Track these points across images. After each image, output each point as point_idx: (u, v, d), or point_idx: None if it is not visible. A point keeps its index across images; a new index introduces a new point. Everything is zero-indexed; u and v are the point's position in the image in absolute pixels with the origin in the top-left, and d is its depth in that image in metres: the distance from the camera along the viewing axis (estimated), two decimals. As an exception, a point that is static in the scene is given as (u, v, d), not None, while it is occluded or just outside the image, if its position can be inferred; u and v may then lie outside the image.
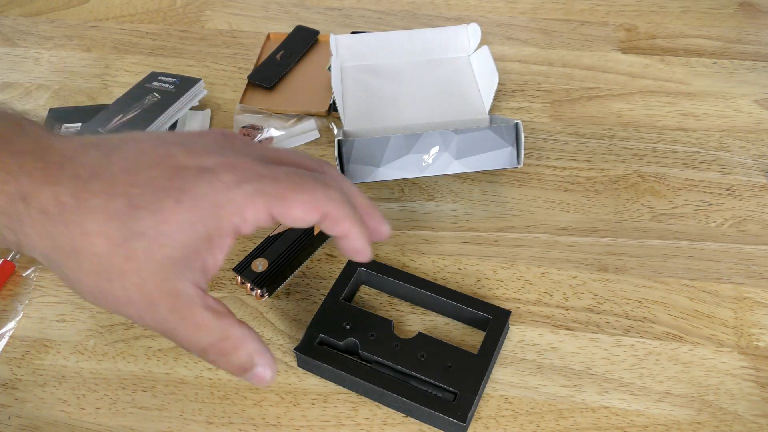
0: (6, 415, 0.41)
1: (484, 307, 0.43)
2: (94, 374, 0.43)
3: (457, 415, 0.38)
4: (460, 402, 0.38)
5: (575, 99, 0.60)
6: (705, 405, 0.41)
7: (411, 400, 0.38)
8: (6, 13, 0.72)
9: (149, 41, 0.68)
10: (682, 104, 0.60)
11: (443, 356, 0.40)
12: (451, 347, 0.41)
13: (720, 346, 0.43)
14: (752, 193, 0.52)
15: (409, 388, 0.39)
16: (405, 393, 0.39)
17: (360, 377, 0.40)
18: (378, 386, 0.39)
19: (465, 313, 0.44)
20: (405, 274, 0.45)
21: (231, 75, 0.64)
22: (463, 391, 0.39)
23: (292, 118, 0.59)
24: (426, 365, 0.40)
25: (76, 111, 0.60)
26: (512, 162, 0.48)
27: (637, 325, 0.45)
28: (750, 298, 0.46)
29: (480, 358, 0.40)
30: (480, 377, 0.39)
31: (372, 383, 0.39)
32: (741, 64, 0.63)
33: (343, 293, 0.44)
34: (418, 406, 0.38)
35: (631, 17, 0.69)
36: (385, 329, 0.42)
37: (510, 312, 0.43)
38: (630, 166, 0.55)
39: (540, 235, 0.50)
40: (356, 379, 0.40)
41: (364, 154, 0.47)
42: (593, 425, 0.40)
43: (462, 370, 0.40)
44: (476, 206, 0.52)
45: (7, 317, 0.46)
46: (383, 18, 0.70)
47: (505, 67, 0.63)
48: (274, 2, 0.72)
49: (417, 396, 0.39)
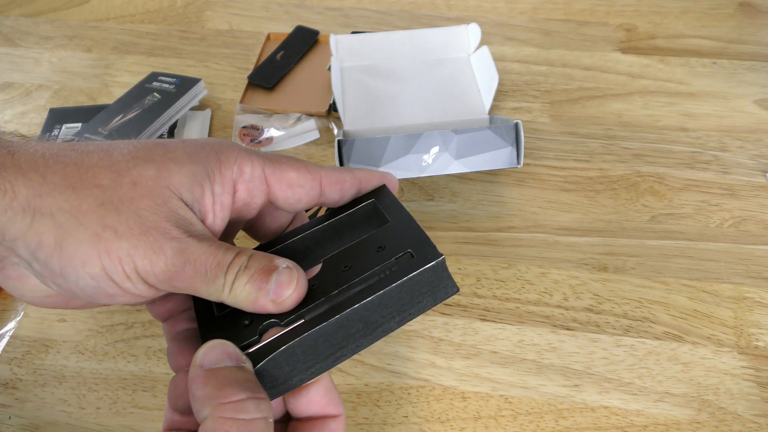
0: (6, 415, 0.41)
1: (355, 202, 0.34)
2: (95, 374, 0.43)
3: (428, 259, 0.29)
4: (419, 250, 0.29)
5: (575, 99, 0.60)
6: (704, 405, 0.41)
7: (383, 290, 0.28)
8: (6, 13, 0.72)
9: (149, 41, 0.68)
10: (681, 104, 0.60)
11: (364, 249, 0.31)
12: (362, 239, 0.32)
13: (720, 346, 0.44)
14: (752, 193, 0.52)
15: (367, 290, 0.29)
16: (369, 293, 0.28)
17: (324, 322, 0.28)
18: (343, 312, 0.28)
19: (342, 224, 0.34)
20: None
21: (231, 75, 0.64)
22: (413, 243, 0.30)
23: (292, 118, 0.59)
24: (358, 267, 0.30)
25: (77, 111, 0.60)
26: (512, 162, 0.48)
27: (636, 325, 0.45)
28: (750, 298, 0.46)
29: (396, 219, 0.32)
30: (412, 224, 0.31)
31: (336, 314, 0.28)
32: (741, 64, 0.63)
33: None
34: (393, 288, 0.28)
35: (631, 17, 0.69)
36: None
37: (384, 185, 0.34)
38: (630, 166, 0.55)
39: (540, 235, 0.50)
40: (323, 330, 0.28)
41: (364, 154, 0.47)
42: (593, 425, 0.40)
43: (393, 238, 0.31)
44: (476, 206, 0.52)
45: (7, 317, 0.46)
46: (383, 18, 0.70)
47: (505, 67, 0.64)
48: (274, 2, 0.72)
49: (381, 285, 0.28)
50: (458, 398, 0.41)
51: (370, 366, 0.43)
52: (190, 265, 0.27)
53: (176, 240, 0.27)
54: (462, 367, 0.43)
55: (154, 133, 0.56)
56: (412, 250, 0.30)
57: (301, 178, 0.31)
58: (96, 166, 0.27)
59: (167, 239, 0.26)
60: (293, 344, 0.27)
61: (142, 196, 0.27)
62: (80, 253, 0.26)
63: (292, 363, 0.28)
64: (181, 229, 0.27)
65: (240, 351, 0.27)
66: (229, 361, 0.26)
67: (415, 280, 0.29)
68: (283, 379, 0.28)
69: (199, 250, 0.27)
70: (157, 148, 0.29)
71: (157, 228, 0.26)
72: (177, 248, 0.27)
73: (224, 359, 0.26)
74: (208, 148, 0.30)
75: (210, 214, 0.29)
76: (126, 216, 0.26)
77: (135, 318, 0.46)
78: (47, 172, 0.26)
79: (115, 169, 0.27)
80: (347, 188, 0.32)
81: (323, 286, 0.30)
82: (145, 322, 0.45)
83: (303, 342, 0.27)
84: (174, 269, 0.27)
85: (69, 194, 0.26)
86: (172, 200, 0.27)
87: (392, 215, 0.32)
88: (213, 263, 0.27)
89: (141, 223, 0.26)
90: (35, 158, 0.27)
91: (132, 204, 0.26)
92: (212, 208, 0.29)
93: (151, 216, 0.27)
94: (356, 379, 0.43)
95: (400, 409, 0.41)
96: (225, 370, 0.25)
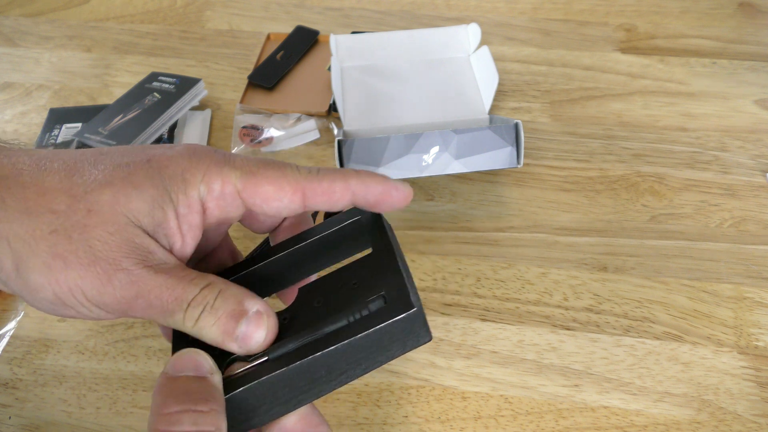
0: (7, 415, 0.41)
1: (345, 216, 0.32)
2: (95, 374, 0.43)
3: (400, 308, 0.27)
4: (393, 296, 0.27)
5: (575, 99, 0.60)
6: (704, 405, 0.41)
7: (349, 339, 0.26)
8: (6, 13, 0.72)
9: (149, 41, 0.68)
10: (681, 104, 0.60)
11: (340, 282, 0.30)
12: (340, 270, 0.30)
13: (719, 346, 0.44)
14: (752, 193, 0.52)
15: (334, 335, 0.27)
16: (336, 339, 0.27)
17: (287, 366, 0.26)
18: (307, 357, 0.26)
19: (326, 241, 0.32)
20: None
21: (231, 75, 0.64)
22: (389, 286, 0.28)
23: (292, 118, 0.59)
24: (330, 304, 0.29)
25: (77, 111, 0.60)
26: (512, 162, 0.48)
27: (636, 325, 0.45)
28: (749, 298, 0.46)
29: (378, 250, 0.30)
30: (393, 261, 0.29)
31: (300, 359, 0.26)
32: (741, 64, 0.63)
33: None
34: (360, 338, 0.27)
35: (631, 17, 0.69)
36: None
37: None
38: (630, 166, 0.55)
39: (540, 235, 0.50)
40: (285, 374, 0.26)
41: (364, 154, 0.47)
42: (593, 425, 0.40)
43: (371, 275, 0.29)
44: (476, 206, 0.52)
45: (7, 317, 0.46)
46: (383, 18, 0.70)
47: (505, 67, 0.64)
48: (274, 2, 0.72)
49: (350, 331, 0.27)
50: (458, 398, 0.41)
51: (370, 366, 0.43)
52: (143, 299, 0.26)
53: (125, 272, 0.26)
54: (462, 367, 0.43)
55: (154, 133, 0.56)
56: (386, 294, 0.27)
57: (278, 192, 0.28)
58: (54, 190, 0.27)
59: (115, 270, 0.26)
60: (251, 386, 0.26)
61: (95, 225, 0.26)
62: (33, 281, 0.26)
63: (251, 404, 0.27)
64: (135, 259, 0.26)
65: (212, 363, 0.26)
66: (192, 370, 0.25)
67: (384, 330, 0.27)
68: (242, 417, 0.27)
69: (152, 283, 0.26)
70: (120, 170, 0.28)
71: (106, 259, 0.26)
72: (126, 280, 0.26)
73: (187, 369, 0.25)
74: (174, 165, 0.28)
75: (177, 237, 0.28)
76: (77, 245, 0.26)
77: (135, 318, 0.46)
78: (7, 195, 0.26)
79: (72, 194, 0.27)
80: (337, 200, 0.29)
81: (294, 321, 0.29)
82: (145, 322, 0.45)
83: (262, 384, 0.26)
84: (124, 301, 0.26)
85: (24, 219, 0.26)
86: (128, 228, 0.27)
87: (377, 243, 0.30)
88: (170, 298, 0.26)
89: (91, 254, 0.26)
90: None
91: (84, 232, 0.26)
92: (179, 231, 0.28)
93: (102, 246, 0.26)
94: (356, 379, 0.42)
95: (400, 409, 0.41)
96: (181, 380, 0.25)
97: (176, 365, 0.25)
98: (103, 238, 0.26)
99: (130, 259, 0.26)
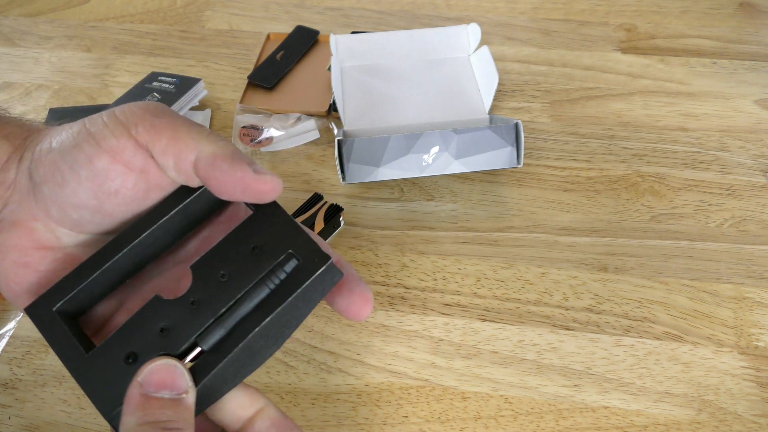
0: (6, 415, 0.41)
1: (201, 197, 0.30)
2: (95, 374, 0.43)
3: (317, 263, 0.27)
4: (304, 252, 0.27)
5: (575, 99, 0.60)
6: (705, 405, 0.41)
7: (281, 306, 0.26)
8: (6, 13, 0.72)
9: (149, 41, 0.68)
10: (682, 104, 0.60)
11: (235, 251, 0.28)
12: (228, 238, 0.29)
13: (720, 346, 0.43)
14: (752, 193, 0.52)
15: (261, 306, 0.27)
16: (268, 310, 0.26)
17: (229, 353, 0.26)
18: (246, 337, 0.26)
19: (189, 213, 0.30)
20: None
21: (231, 75, 0.64)
22: (292, 243, 0.28)
23: (292, 118, 0.59)
24: (238, 275, 0.28)
25: (76, 111, 0.60)
26: (512, 162, 0.48)
27: (636, 325, 0.45)
28: (750, 298, 0.46)
29: (261, 210, 0.29)
30: (283, 217, 0.28)
31: (239, 342, 0.26)
32: (741, 64, 0.63)
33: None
34: (290, 302, 0.27)
35: (631, 17, 0.69)
36: (156, 311, 0.28)
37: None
38: (630, 166, 0.55)
39: (540, 235, 0.50)
40: (230, 359, 0.26)
41: (364, 154, 0.47)
42: (593, 425, 0.40)
43: (267, 236, 0.28)
44: (476, 206, 0.52)
45: (7, 317, 0.46)
46: (383, 18, 0.70)
47: (505, 67, 0.63)
48: (274, 2, 0.72)
49: (276, 298, 0.27)
50: (458, 398, 0.41)
51: (370, 366, 0.43)
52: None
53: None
54: (462, 367, 0.43)
55: (154, 133, 0.56)
56: (294, 252, 0.28)
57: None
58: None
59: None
60: (204, 382, 0.26)
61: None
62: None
63: (201, 393, 0.26)
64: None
65: (189, 378, 0.25)
66: (169, 392, 0.24)
67: (309, 286, 0.27)
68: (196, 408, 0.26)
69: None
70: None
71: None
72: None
73: (164, 388, 0.25)
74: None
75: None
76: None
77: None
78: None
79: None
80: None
81: (205, 302, 0.27)
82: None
83: (213, 376, 0.26)
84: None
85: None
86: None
87: (257, 204, 0.29)
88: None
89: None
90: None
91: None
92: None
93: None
94: (356, 379, 0.43)
95: (400, 409, 0.41)
96: (156, 403, 0.24)
97: (153, 381, 0.25)
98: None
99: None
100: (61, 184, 0.27)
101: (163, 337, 0.27)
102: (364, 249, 0.49)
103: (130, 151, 0.27)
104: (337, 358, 0.44)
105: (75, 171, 0.27)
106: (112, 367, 0.26)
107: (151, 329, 0.27)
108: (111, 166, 0.27)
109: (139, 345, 0.27)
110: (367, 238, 0.50)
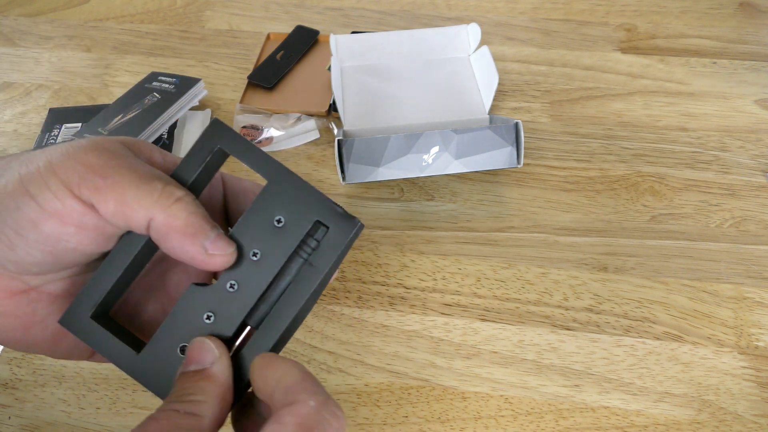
0: (6, 415, 0.41)
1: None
2: (94, 374, 0.43)
3: (346, 228, 0.28)
4: (330, 218, 0.28)
5: (575, 99, 0.60)
6: (705, 405, 0.41)
7: (321, 275, 0.28)
8: (6, 13, 0.72)
9: (149, 41, 0.68)
10: (682, 104, 0.60)
11: (260, 227, 0.28)
12: (249, 214, 0.29)
13: (720, 346, 0.43)
14: (752, 193, 0.52)
15: (300, 278, 0.28)
16: (310, 282, 0.28)
17: (282, 329, 0.28)
18: (293, 313, 0.28)
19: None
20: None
21: (231, 75, 0.64)
22: (316, 211, 0.28)
23: (292, 118, 0.59)
24: (268, 251, 0.28)
25: (76, 111, 0.60)
26: (512, 162, 0.48)
27: (636, 325, 0.45)
28: (750, 298, 0.46)
29: (275, 179, 0.29)
30: (300, 185, 0.29)
31: (289, 318, 0.28)
32: (741, 64, 0.63)
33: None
34: (329, 270, 0.28)
35: (631, 17, 0.69)
36: (196, 299, 0.28)
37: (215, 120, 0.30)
38: (630, 166, 0.55)
39: (540, 235, 0.50)
40: (284, 334, 0.28)
41: (364, 154, 0.47)
42: (593, 425, 0.40)
43: (289, 207, 0.28)
44: (476, 206, 0.52)
45: (7, 317, 0.46)
46: (383, 18, 0.70)
47: (505, 67, 0.63)
48: (274, 2, 0.72)
49: (313, 268, 0.28)
50: (458, 398, 0.41)
51: (370, 366, 0.43)
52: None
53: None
54: (462, 367, 0.43)
55: (154, 133, 0.56)
56: (321, 220, 0.28)
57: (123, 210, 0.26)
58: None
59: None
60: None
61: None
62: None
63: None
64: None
65: (216, 350, 0.26)
66: (195, 365, 0.26)
67: (343, 251, 0.28)
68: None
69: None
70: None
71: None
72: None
73: (192, 363, 0.26)
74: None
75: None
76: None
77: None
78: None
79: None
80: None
81: (245, 283, 0.28)
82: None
83: (275, 347, 0.28)
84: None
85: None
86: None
87: (266, 172, 0.29)
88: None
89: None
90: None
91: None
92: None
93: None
94: (356, 379, 0.43)
95: (400, 409, 0.41)
96: (183, 377, 0.26)
97: (187, 358, 0.26)
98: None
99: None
100: (11, 247, 0.26)
101: (210, 324, 0.28)
102: (364, 249, 0.49)
103: (78, 212, 0.25)
104: (337, 358, 0.44)
105: (21, 236, 0.25)
106: (169, 361, 0.28)
107: (196, 318, 0.28)
108: (61, 228, 0.25)
109: (189, 336, 0.28)
110: (367, 237, 0.50)
